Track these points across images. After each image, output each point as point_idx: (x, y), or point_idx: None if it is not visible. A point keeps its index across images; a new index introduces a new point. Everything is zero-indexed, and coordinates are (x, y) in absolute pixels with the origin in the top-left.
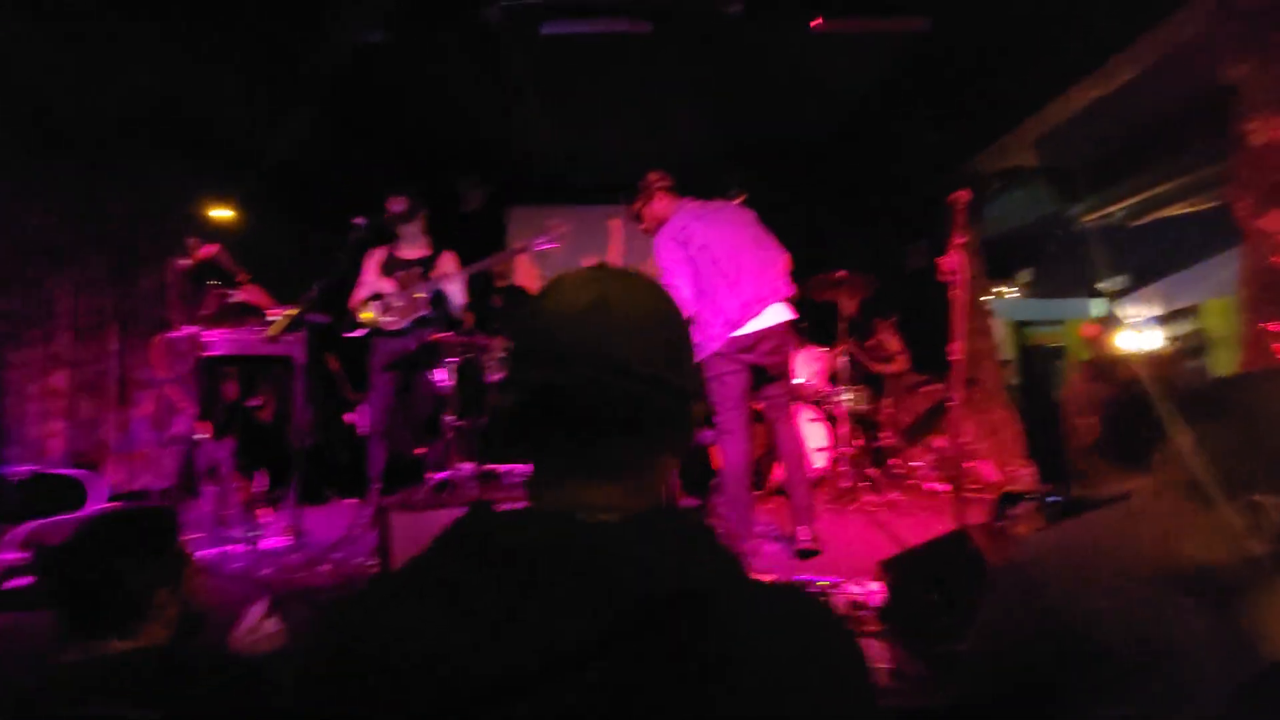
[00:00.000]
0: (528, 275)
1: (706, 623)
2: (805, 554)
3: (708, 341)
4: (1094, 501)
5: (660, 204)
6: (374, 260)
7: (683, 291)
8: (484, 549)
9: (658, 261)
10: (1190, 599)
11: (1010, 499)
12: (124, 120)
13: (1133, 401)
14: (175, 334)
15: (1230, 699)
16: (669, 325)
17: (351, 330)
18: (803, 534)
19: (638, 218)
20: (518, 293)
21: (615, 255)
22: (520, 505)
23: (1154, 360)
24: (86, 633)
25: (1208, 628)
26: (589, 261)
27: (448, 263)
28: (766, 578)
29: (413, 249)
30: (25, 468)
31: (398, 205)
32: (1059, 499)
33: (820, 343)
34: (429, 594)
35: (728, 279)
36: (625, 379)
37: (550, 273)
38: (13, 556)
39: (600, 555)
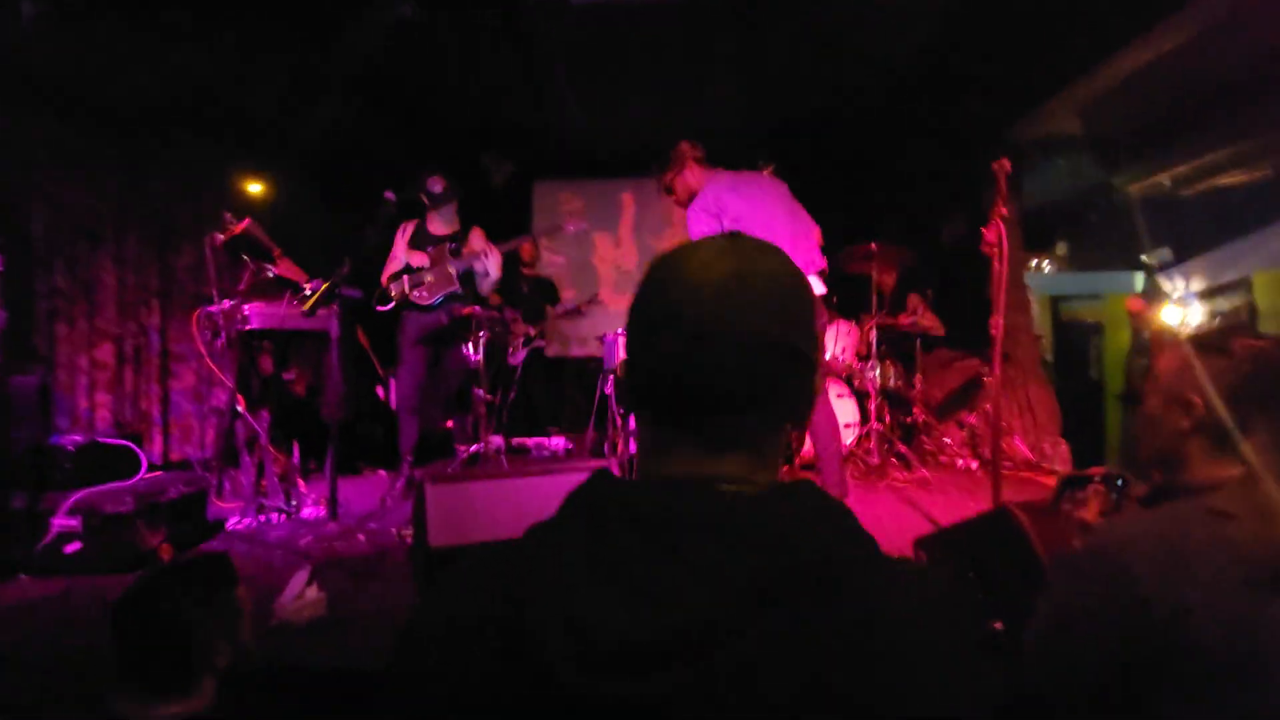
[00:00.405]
0: (550, 263)
1: (838, 593)
2: None
3: None
4: (1183, 489)
5: (692, 174)
6: (404, 233)
7: None
8: (621, 515)
9: (690, 234)
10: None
11: (1075, 481)
12: (162, 100)
13: (1257, 378)
14: (214, 308)
15: None
16: (804, 296)
17: (384, 304)
18: None
19: (669, 189)
20: (544, 284)
21: (626, 229)
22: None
23: (1258, 333)
24: (148, 693)
25: None
26: (601, 236)
27: (476, 239)
28: None
29: (442, 224)
30: (77, 437)
31: (437, 186)
32: (1126, 483)
33: (851, 316)
34: (568, 559)
35: None
36: (766, 354)
37: (569, 250)
38: (67, 523)
39: (743, 525)
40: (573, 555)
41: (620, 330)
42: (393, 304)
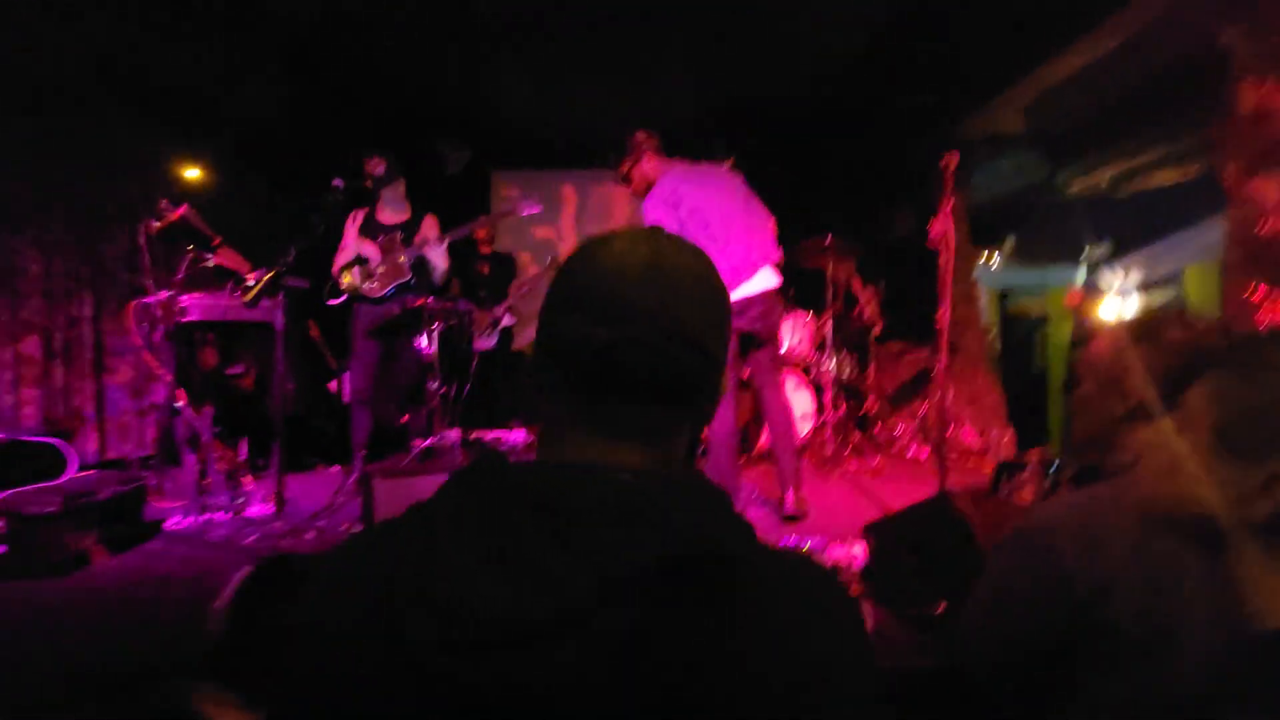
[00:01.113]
0: (509, 242)
1: (724, 583)
2: (791, 518)
3: None
4: (1113, 469)
5: (649, 164)
6: (354, 223)
7: None
8: (503, 494)
9: (646, 224)
10: (1190, 550)
11: (1010, 468)
12: (88, 75)
13: (1185, 365)
14: (150, 299)
15: (1219, 665)
16: (717, 293)
17: (335, 296)
18: (789, 499)
19: (625, 179)
20: (504, 260)
21: (568, 221)
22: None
23: (1189, 323)
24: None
25: (1205, 586)
26: (542, 229)
27: (429, 227)
28: None
29: (394, 213)
30: None
31: (377, 167)
32: (1060, 466)
33: (806, 309)
34: (446, 534)
35: (718, 243)
36: (679, 344)
37: (520, 239)
38: None
39: (625, 509)
40: (447, 535)
41: None
42: (344, 296)
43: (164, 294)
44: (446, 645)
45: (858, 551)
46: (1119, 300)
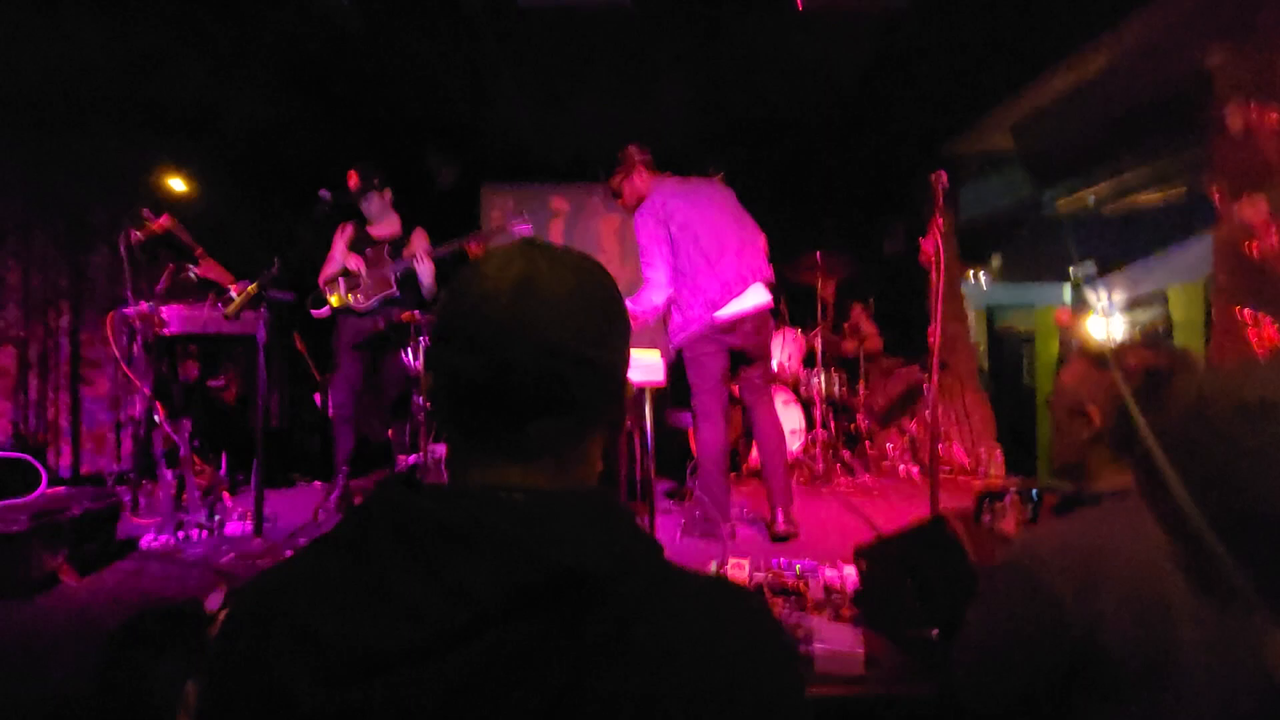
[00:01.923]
0: None
1: (600, 603)
2: (781, 537)
3: (687, 323)
4: (1093, 497)
5: (640, 179)
6: (343, 236)
7: (661, 271)
8: (388, 524)
9: (638, 239)
10: (1191, 604)
11: (992, 496)
12: (70, 85)
13: (1147, 388)
14: (130, 310)
15: (1221, 700)
16: (598, 300)
17: (319, 308)
18: (780, 518)
19: (616, 193)
20: None
21: (558, 234)
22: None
23: (1158, 348)
24: None
25: (1207, 634)
26: (554, 240)
27: (418, 241)
28: (743, 560)
29: (383, 226)
30: None
31: (350, 181)
32: (1040, 494)
33: (796, 325)
34: (331, 566)
35: (709, 259)
36: (553, 360)
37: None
38: None
39: (492, 535)
40: (330, 567)
41: None
42: (328, 308)
43: (144, 305)
44: (310, 680)
45: (849, 573)
46: (1105, 319)
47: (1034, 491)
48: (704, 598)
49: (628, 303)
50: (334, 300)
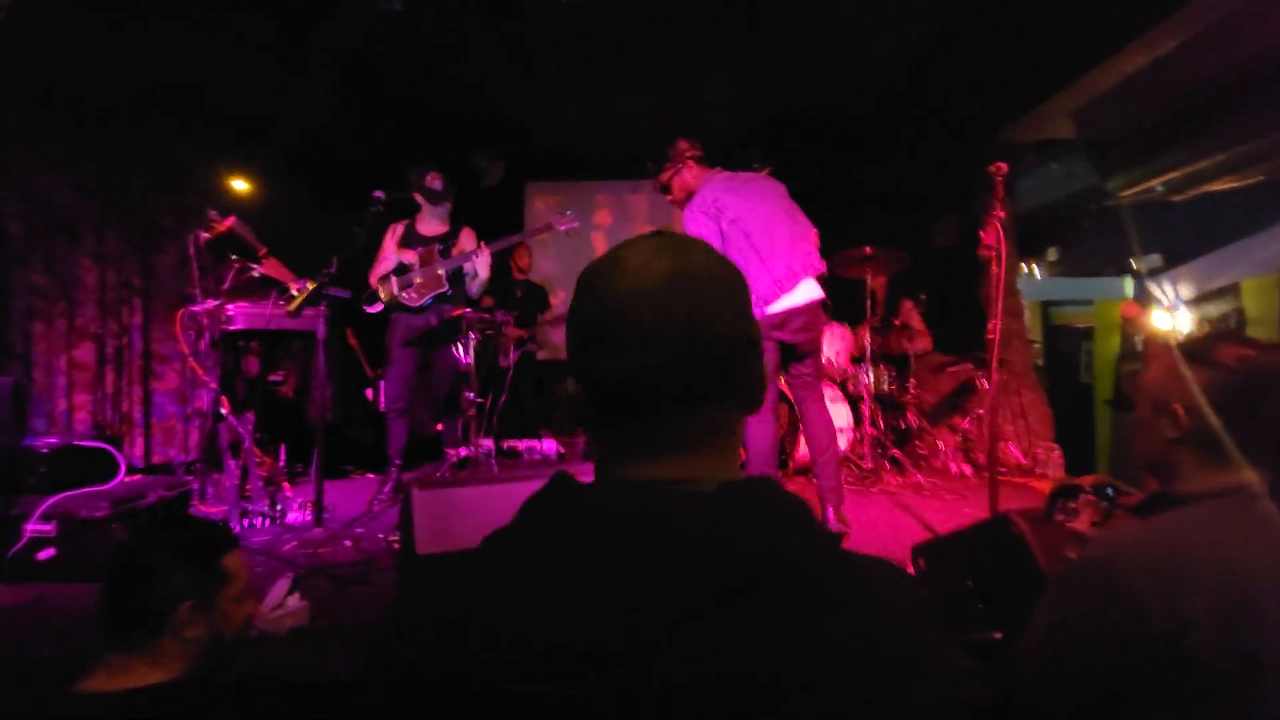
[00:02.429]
0: (545, 268)
1: (802, 591)
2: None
3: None
4: (1178, 498)
5: (690, 174)
6: (393, 235)
7: None
8: (572, 519)
9: (689, 234)
10: None
11: (1066, 492)
12: (143, 92)
13: (1244, 387)
14: (197, 307)
15: None
16: (738, 284)
17: (370, 304)
18: (831, 516)
19: (665, 188)
20: (536, 289)
21: (601, 232)
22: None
23: (1259, 343)
24: (108, 636)
25: None
26: (598, 238)
27: (467, 239)
28: None
29: (433, 224)
30: (53, 439)
31: (436, 183)
32: (1116, 492)
33: (845, 320)
34: (520, 562)
35: (760, 254)
36: (720, 349)
37: (563, 254)
38: (41, 528)
39: (689, 525)
40: (521, 562)
41: None
42: (381, 305)
43: (211, 303)
44: (528, 677)
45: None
46: (1172, 314)
47: (1109, 489)
48: (887, 584)
49: None
50: (384, 296)
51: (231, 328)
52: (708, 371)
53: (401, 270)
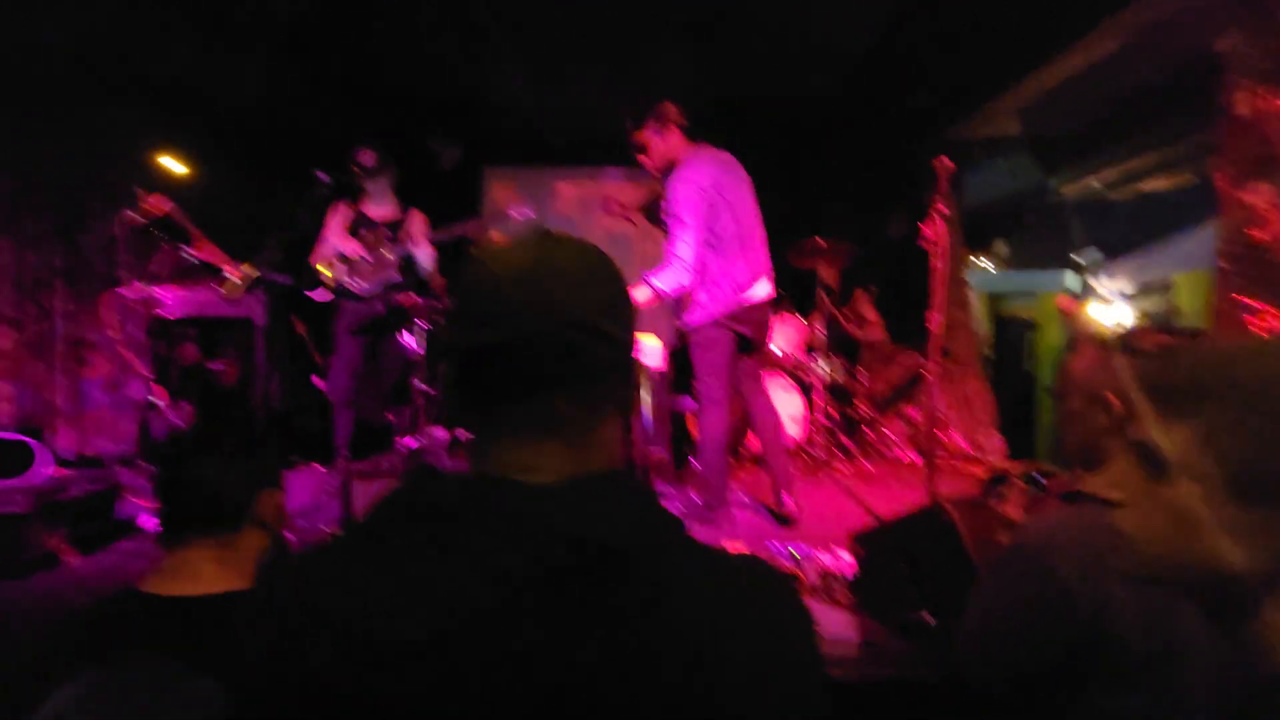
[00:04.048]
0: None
1: (631, 581)
2: (788, 519)
3: (712, 303)
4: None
5: (674, 139)
6: (338, 217)
7: (691, 250)
8: (418, 511)
9: (675, 205)
10: (1195, 602)
11: (997, 480)
12: (61, 60)
13: (1166, 375)
14: (126, 292)
15: (1229, 704)
16: (609, 280)
17: (312, 288)
18: (787, 501)
19: (642, 148)
20: None
21: (562, 219)
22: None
23: (1172, 330)
24: (181, 531)
25: (1213, 631)
26: (556, 224)
27: (416, 224)
28: (739, 544)
29: (380, 208)
30: None
31: (367, 159)
32: (1044, 478)
33: (796, 311)
34: (362, 555)
35: (743, 242)
36: (571, 331)
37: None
38: None
39: (530, 516)
40: (368, 554)
41: None
42: (325, 291)
43: (139, 287)
44: (351, 668)
45: (846, 559)
46: (1109, 306)
47: (1037, 476)
48: (730, 572)
49: (651, 279)
50: (330, 282)
51: (164, 313)
52: (545, 355)
53: (347, 259)
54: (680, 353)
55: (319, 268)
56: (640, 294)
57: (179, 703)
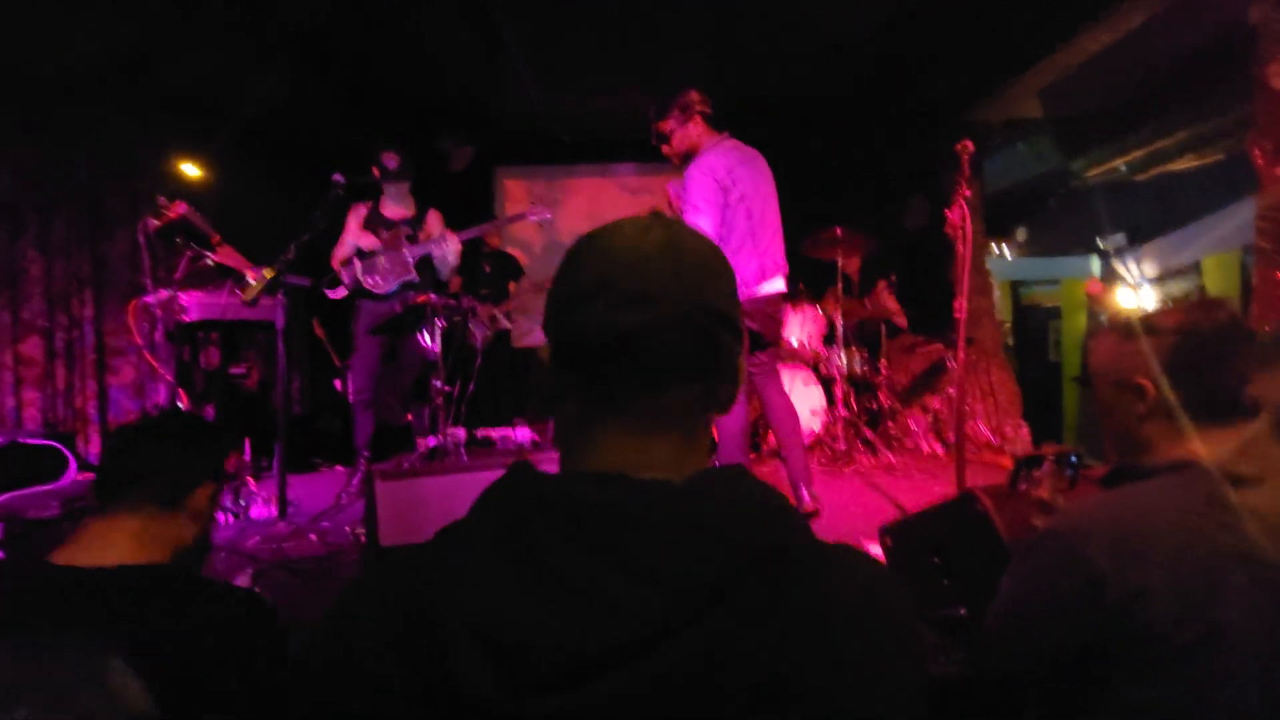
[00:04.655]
0: (517, 242)
1: (791, 580)
2: (808, 515)
3: None
4: (1142, 471)
5: (696, 129)
6: (357, 216)
7: (707, 232)
8: (538, 513)
9: (690, 194)
10: (1241, 580)
11: (1030, 461)
12: (85, 72)
13: (1210, 342)
14: (150, 298)
15: (1271, 687)
16: (730, 272)
17: (333, 288)
18: (805, 495)
19: (665, 136)
20: (506, 259)
21: (573, 219)
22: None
23: (1189, 306)
24: (111, 493)
25: (1258, 611)
26: (570, 225)
27: (433, 223)
28: None
29: (397, 207)
30: None
31: (390, 161)
32: (1079, 460)
33: (816, 302)
34: (491, 556)
35: (755, 237)
36: (707, 317)
37: (535, 241)
38: None
39: (673, 518)
40: (485, 559)
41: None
42: (343, 290)
43: (164, 293)
44: (507, 687)
45: (874, 552)
46: (1137, 292)
47: (1072, 458)
48: (854, 566)
49: None
50: (347, 281)
51: (187, 318)
52: (694, 341)
53: (365, 255)
54: None
55: (339, 268)
56: None
57: (89, 680)
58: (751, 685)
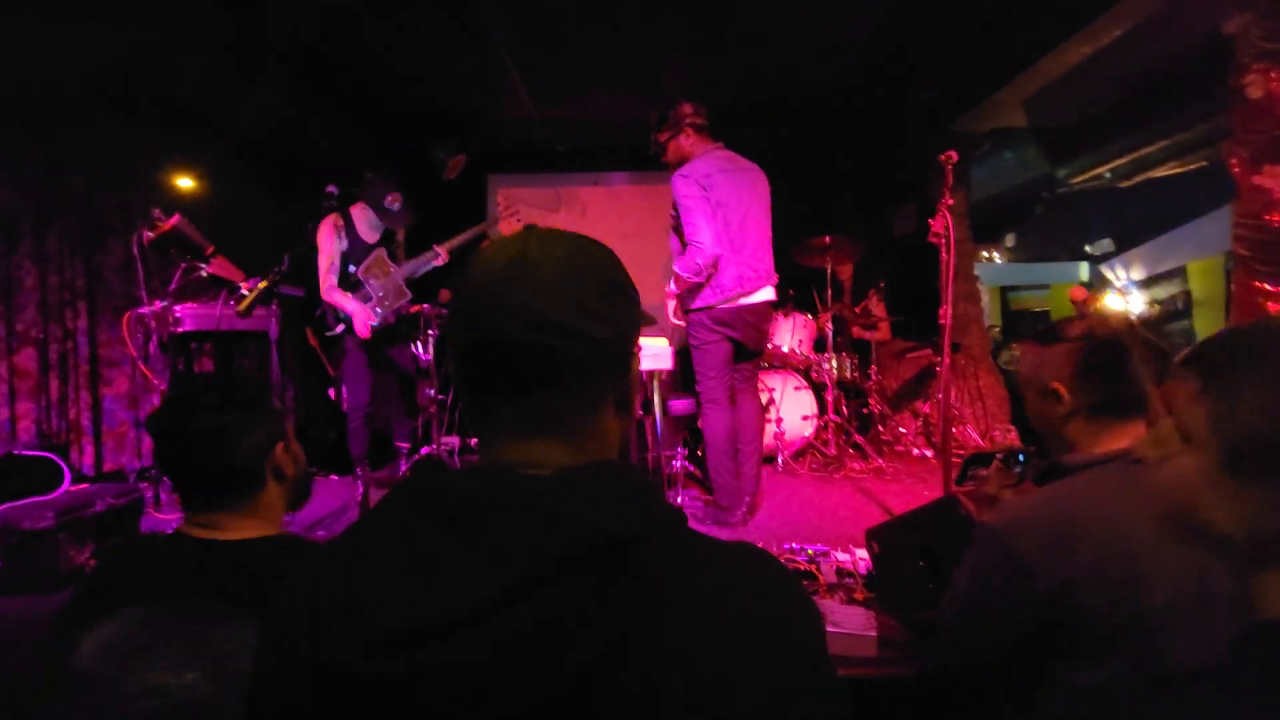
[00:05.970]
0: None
1: (635, 566)
2: (732, 522)
3: (688, 299)
4: (1069, 467)
5: (687, 140)
6: (335, 234)
7: (706, 232)
8: (425, 501)
9: (678, 198)
10: (1166, 559)
11: (976, 459)
12: (80, 84)
13: (1108, 347)
14: (144, 309)
15: (1220, 652)
16: (591, 275)
17: (333, 329)
18: (744, 503)
19: (660, 148)
20: None
21: (567, 227)
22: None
23: (1084, 316)
24: (198, 500)
25: (1181, 593)
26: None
27: (399, 232)
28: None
29: (372, 233)
30: None
31: (395, 204)
32: (1025, 457)
33: (806, 310)
34: (373, 544)
35: (733, 246)
36: (539, 333)
37: None
38: None
39: (528, 505)
40: (367, 544)
41: None
42: (343, 327)
43: (158, 304)
44: (357, 649)
45: (862, 556)
46: (1124, 296)
47: (1020, 455)
48: (732, 560)
49: (675, 267)
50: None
51: (181, 330)
52: (534, 354)
53: (352, 285)
54: (683, 353)
55: (335, 304)
56: (673, 284)
57: (222, 643)
58: (584, 661)
